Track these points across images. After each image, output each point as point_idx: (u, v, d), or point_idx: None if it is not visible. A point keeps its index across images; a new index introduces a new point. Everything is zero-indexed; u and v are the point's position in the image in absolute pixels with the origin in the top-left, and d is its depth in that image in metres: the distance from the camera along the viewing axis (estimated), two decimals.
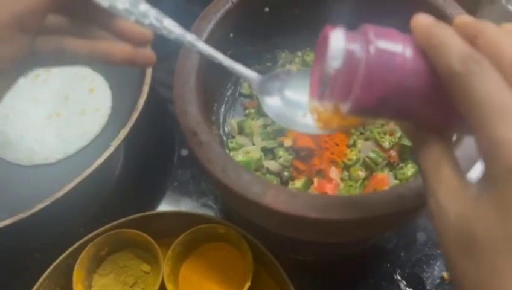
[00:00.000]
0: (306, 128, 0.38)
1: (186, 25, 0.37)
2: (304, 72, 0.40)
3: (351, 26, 0.55)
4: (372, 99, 0.25)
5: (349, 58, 0.25)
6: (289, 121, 0.39)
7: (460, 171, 0.24)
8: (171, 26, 0.33)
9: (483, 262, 0.21)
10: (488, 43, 0.23)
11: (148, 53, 0.33)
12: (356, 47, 0.25)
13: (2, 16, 0.27)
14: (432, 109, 0.25)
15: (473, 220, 0.21)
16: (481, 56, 0.22)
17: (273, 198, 0.36)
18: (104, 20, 0.32)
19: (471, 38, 0.23)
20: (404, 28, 0.27)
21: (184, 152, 0.62)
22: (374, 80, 0.24)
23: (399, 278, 0.51)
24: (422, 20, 0.24)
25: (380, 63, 0.24)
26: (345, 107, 0.26)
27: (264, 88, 0.38)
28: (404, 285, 0.51)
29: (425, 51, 0.24)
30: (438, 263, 0.52)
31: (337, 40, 0.25)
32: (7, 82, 0.31)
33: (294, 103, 0.39)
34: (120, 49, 0.32)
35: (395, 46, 0.24)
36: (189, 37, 0.34)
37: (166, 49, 0.35)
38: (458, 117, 0.23)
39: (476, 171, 0.29)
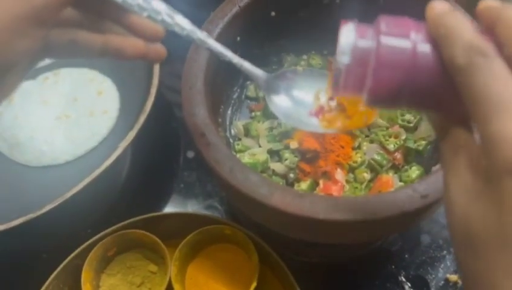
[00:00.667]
0: (312, 127, 0.39)
1: None
2: (310, 71, 0.41)
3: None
4: (385, 90, 0.25)
5: (359, 51, 0.25)
6: (295, 119, 0.39)
7: (479, 163, 0.22)
8: (182, 23, 0.34)
9: (480, 258, 0.21)
10: (504, 31, 0.21)
11: (159, 48, 0.34)
12: (366, 39, 0.25)
13: (20, 9, 0.28)
14: (447, 98, 0.24)
15: (473, 215, 0.21)
16: (487, 47, 0.21)
17: (280, 199, 0.36)
18: (117, 15, 0.33)
19: (491, 26, 0.22)
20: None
21: (190, 154, 0.62)
22: (385, 71, 0.24)
23: (404, 280, 0.52)
24: (436, 8, 0.24)
25: (390, 53, 0.24)
26: (362, 99, 0.26)
27: (271, 86, 0.39)
28: (409, 287, 0.51)
29: (436, 41, 0.24)
30: (442, 265, 0.52)
31: (347, 34, 0.26)
32: (20, 73, 0.31)
33: (301, 102, 0.40)
34: (132, 44, 0.33)
35: (406, 36, 0.24)
36: (200, 34, 0.34)
37: (169, 52, 0.35)
38: None
39: None
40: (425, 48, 0.24)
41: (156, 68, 0.57)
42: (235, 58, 0.37)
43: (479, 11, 0.23)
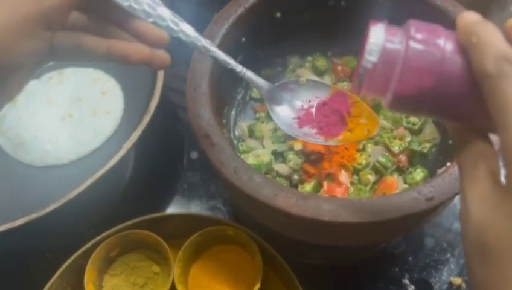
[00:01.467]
0: (313, 139, 0.39)
1: (197, 30, 0.37)
2: (312, 83, 0.41)
3: (360, 30, 0.55)
4: (408, 95, 0.25)
5: (387, 52, 0.25)
6: (297, 130, 0.40)
7: (498, 175, 0.23)
8: (187, 30, 0.34)
9: (493, 269, 0.21)
10: None
11: (163, 55, 0.34)
12: (395, 42, 0.25)
13: (30, 11, 0.28)
14: (472, 108, 0.24)
15: (489, 225, 0.21)
16: None
17: (284, 200, 0.36)
18: (123, 20, 0.33)
19: None
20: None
21: (194, 155, 0.62)
22: (412, 75, 0.24)
23: (407, 282, 0.51)
24: (466, 17, 0.24)
25: (418, 58, 0.24)
26: (384, 101, 0.27)
27: (273, 97, 0.39)
28: (413, 289, 0.51)
29: (466, 49, 0.24)
30: (446, 268, 0.52)
31: (376, 34, 0.26)
32: (25, 75, 0.31)
33: None
34: (137, 49, 0.33)
35: (435, 43, 0.24)
36: (204, 42, 0.35)
37: (173, 54, 0.35)
38: None
39: None
40: (453, 55, 0.24)
41: (160, 70, 0.57)
42: (238, 67, 0.37)
43: (507, 28, 0.24)
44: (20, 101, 0.60)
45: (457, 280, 0.51)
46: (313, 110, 0.40)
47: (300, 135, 0.39)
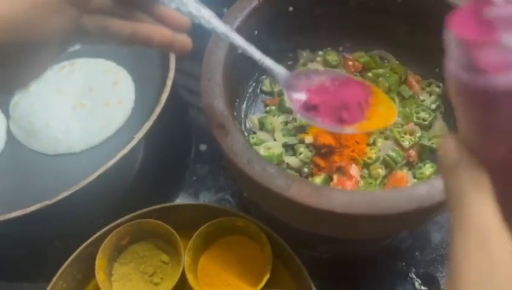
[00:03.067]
0: (329, 126, 0.39)
1: None
2: (330, 72, 0.41)
3: (370, 25, 0.55)
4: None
5: None
6: (313, 117, 0.40)
7: None
8: (208, 16, 0.35)
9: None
10: None
11: (185, 39, 0.35)
12: None
13: None
14: None
15: None
16: None
17: (297, 191, 0.37)
18: (147, 5, 0.34)
19: None
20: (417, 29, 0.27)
21: (203, 147, 0.62)
22: None
23: (414, 277, 0.52)
24: None
25: None
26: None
27: (291, 84, 0.39)
28: (419, 283, 0.51)
29: None
30: None
31: None
32: (53, 54, 0.32)
33: None
34: (160, 32, 0.34)
35: None
36: (224, 28, 0.36)
37: None
38: None
39: None
40: None
41: (172, 61, 0.57)
42: (258, 54, 0.38)
43: None
44: (32, 89, 0.60)
45: None
46: (330, 98, 0.40)
47: (316, 122, 0.40)
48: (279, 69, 0.39)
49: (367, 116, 0.40)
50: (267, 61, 0.39)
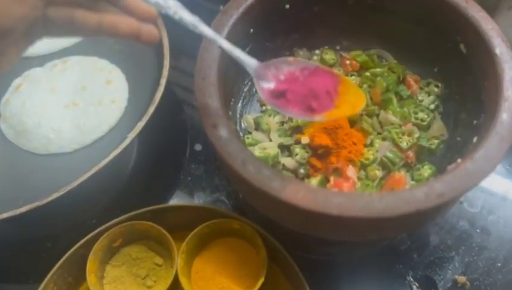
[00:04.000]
0: (299, 115, 0.40)
1: (206, 21, 0.37)
2: (300, 61, 0.41)
3: (368, 23, 0.55)
4: None
5: None
6: (283, 106, 0.40)
7: None
8: (175, 6, 0.35)
9: None
10: None
11: (152, 29, 0.35)
12: None
13: None
14: None
15: None
16: None
17: (293, 193, 0.36)
18: None
19: None
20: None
21: (198, 147, 0.62)
22: None
23: (411, 279, 0.51)
24: None
25: None
26: None
27: (260, 74, 0.40)
28: (417, 287, 0.50)
29: None
30: (450, 266, 0.52)
31: None
32: (19, 45, 0.32)
33: None
34: (126, 22, 0.34)
35: None
36: (191, 18, 0.36)
37: (176, 48, 0.36)
38: None
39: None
40: None
41: (166, 59, 0.56)
42: (226, 44, 0.38)
43: None
44: (24, 88, 0.59)
45: (462, 278, 0.50)
46: (300, 87, 0.40)
47: (286, 111, 0.40)
48: (248, 60, 0.39)
49: (336, 104, 0.40)
50: (236, 52, 0.39)
